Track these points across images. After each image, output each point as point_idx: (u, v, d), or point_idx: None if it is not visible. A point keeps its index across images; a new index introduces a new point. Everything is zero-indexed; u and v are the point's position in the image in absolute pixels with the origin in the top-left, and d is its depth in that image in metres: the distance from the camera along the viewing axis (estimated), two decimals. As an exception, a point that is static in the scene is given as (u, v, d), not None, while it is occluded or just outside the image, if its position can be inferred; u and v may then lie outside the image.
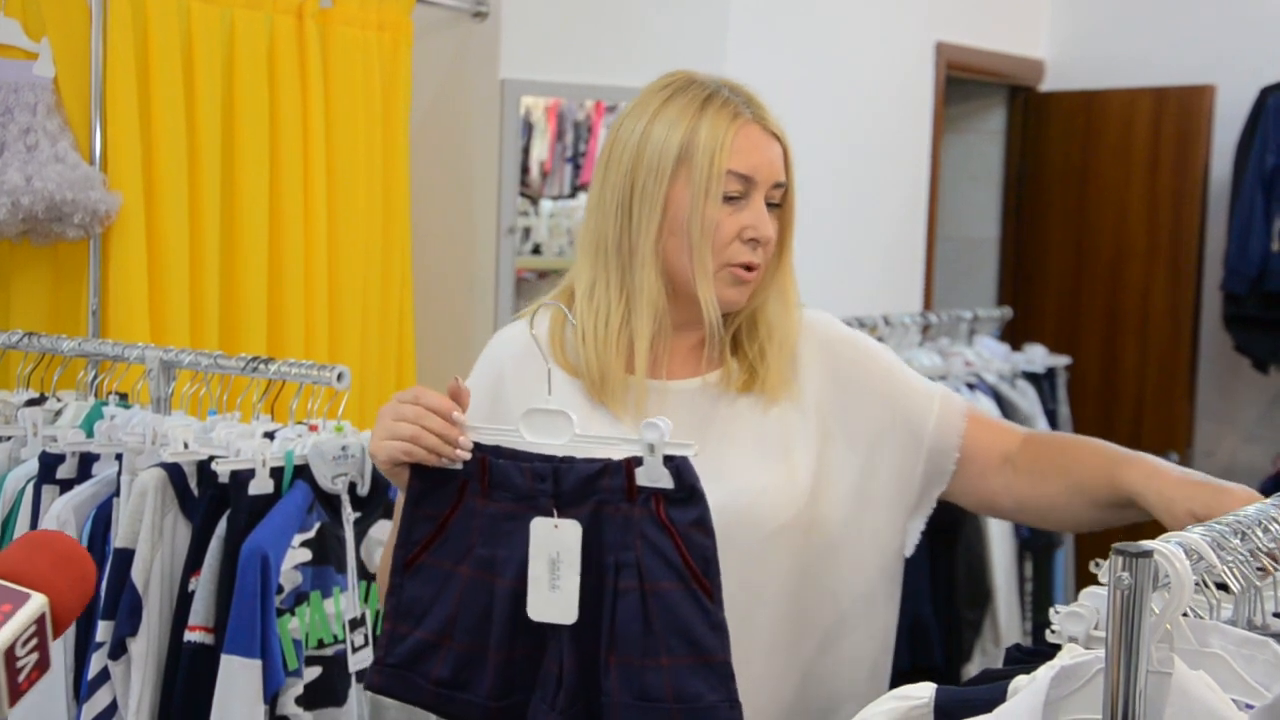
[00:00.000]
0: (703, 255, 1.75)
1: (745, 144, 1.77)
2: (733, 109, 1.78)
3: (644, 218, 1.77)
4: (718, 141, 1.75)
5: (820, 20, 4.46)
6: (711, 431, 1.80)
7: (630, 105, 1.84)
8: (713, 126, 1.76)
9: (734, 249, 1.76)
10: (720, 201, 1.75)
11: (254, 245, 3.43)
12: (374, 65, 3.72)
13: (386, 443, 1.63)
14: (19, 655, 1.17)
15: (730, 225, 1.76)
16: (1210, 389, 5.10)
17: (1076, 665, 1.06)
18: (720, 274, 1.77)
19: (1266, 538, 1.23)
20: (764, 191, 1.78)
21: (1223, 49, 5.00)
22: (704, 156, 1.74)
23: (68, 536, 1.31)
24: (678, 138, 1.76)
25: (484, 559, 1.64)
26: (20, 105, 3.09)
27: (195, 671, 2.30)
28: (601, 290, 1.79)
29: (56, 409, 2.76)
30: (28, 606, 1.18)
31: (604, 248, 1.80)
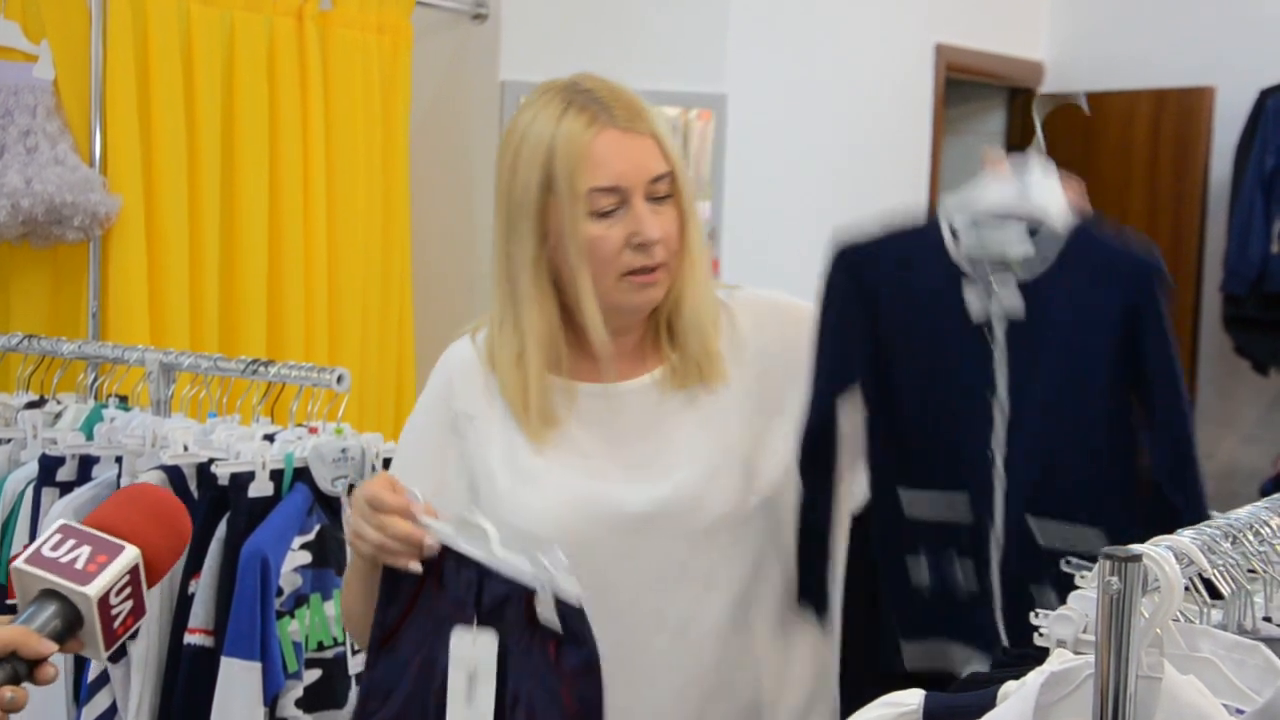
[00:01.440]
0: (583, 276, 1.72)
1: (604, 154, 1.70)
2: (586, 117, 1.71)
3: (520, 250, 1.74)
4: (574, 159, 1.69)
5: (820, 22, 4.46)
6: (660, 428, 1.79)
7: (504, 136, 1.81)
8: (568, 143, 1.70)
9: (626, 257, 1.72)
10: (593, 219, 1.70)
11: (254, 247, 3.43)
12: (373, 67, 3.73)
13: (358, 543, 1.63)
14: (113, 604, 1.25)
15: (615, 236, 1.71)
16: (1210, 391, 5.10)
17: (1066, 670, 1.07)
18: (621, 284, 1.73)
19: (1258, 541, 1.23)
20: (641, 193, 1.72)
21: (1222, 51, 5.00)
22: (564, 180, 1.70)
23: (163, 490, 1.38)
24: (538, 164, 1.71)
25: (426, 660, 1.63)
26: (20, 108, 3.09)
27: (195, 674, 2.30)
28: (505, 328, 1.78)
29: (56, 411, 2.76)
30: (122, 558, 1.26)
31: (499, 281, 1.79)
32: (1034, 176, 1.64)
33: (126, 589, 1.26)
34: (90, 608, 1.23)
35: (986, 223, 1.64)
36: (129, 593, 1.26)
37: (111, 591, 1.25)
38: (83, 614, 1.24)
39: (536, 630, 1.55)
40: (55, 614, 1.24)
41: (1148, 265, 1.58)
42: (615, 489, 1.73)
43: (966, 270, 1.65)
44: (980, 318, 1.65)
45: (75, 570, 1.24)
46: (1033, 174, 1.64)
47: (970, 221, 1.65)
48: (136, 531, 1.28)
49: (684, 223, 1.76)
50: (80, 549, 1.25)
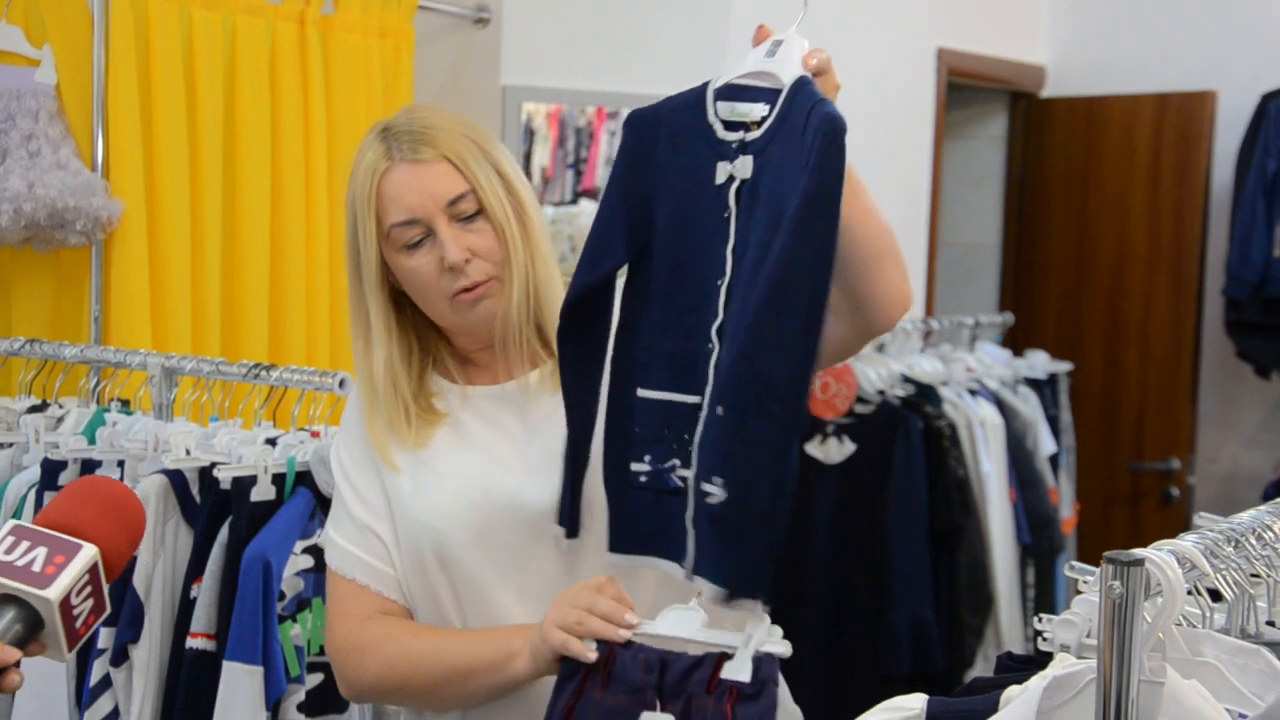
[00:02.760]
0: (427, 303, 1.81)
1: (392, 190, 1.78)
2: (375, 155, 1.80)
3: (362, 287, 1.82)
4: (367, 201, 1.78)
5: (821, 26, 4.44)
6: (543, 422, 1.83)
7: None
8: (361, 187, 1.79)
9: (444, 282, 1.78)
10: (404, 253, 1.78)
11: (255, 252, 3.43)
12: (375, 72, 3.73)
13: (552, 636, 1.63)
14: (74, 604, 1.23)
15: (429, 265, 1.78)
16: (1212, 395, 5.10)
17: (1069, 675, 1.07)
18: (453, 305, 1.80)
19: (1260, 545, 1.23)
20: (443, 217, 1.77)
21: (1224, 55, 5.00)
22: (363, 221, 1.78)
23: (114, 481, 1.35)
24: (349, 211, 1.81)
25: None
26: (22, 112, 3.10)
27: (197, 678, 2.31)
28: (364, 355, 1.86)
29: (58, 416, 2.77)
30: (80, 556, 1.24)
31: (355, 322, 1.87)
32: (785, 46, 1.63)
33: (87, 588, 1.23)
34: (52, 611, 1.20)
35: (737, 90, 1.62)
36: (89, 591, 1.24)
37: (72, 592, 1.22)
38: (44, 617, 1.21)
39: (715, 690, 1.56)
40: (15, 619, 1.21)
41: (827, 117, 1.49)
42: (515, 480, 1.79)
43: (720, 139, 1.62)
44: (722, 182, 1.61)
45: (33, 573, 1.21)
46: (785, 44, 1.63)
47: (726, 88, 1.63)
48: (92, 527, 1.26)
49: (501, 232, 1.79)
50: (36, 550, 1.22)
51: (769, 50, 1.63)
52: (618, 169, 1.68)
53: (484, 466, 1.81)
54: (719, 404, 1.53)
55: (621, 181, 1.67)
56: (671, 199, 1.65)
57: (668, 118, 1.67)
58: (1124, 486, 5.10)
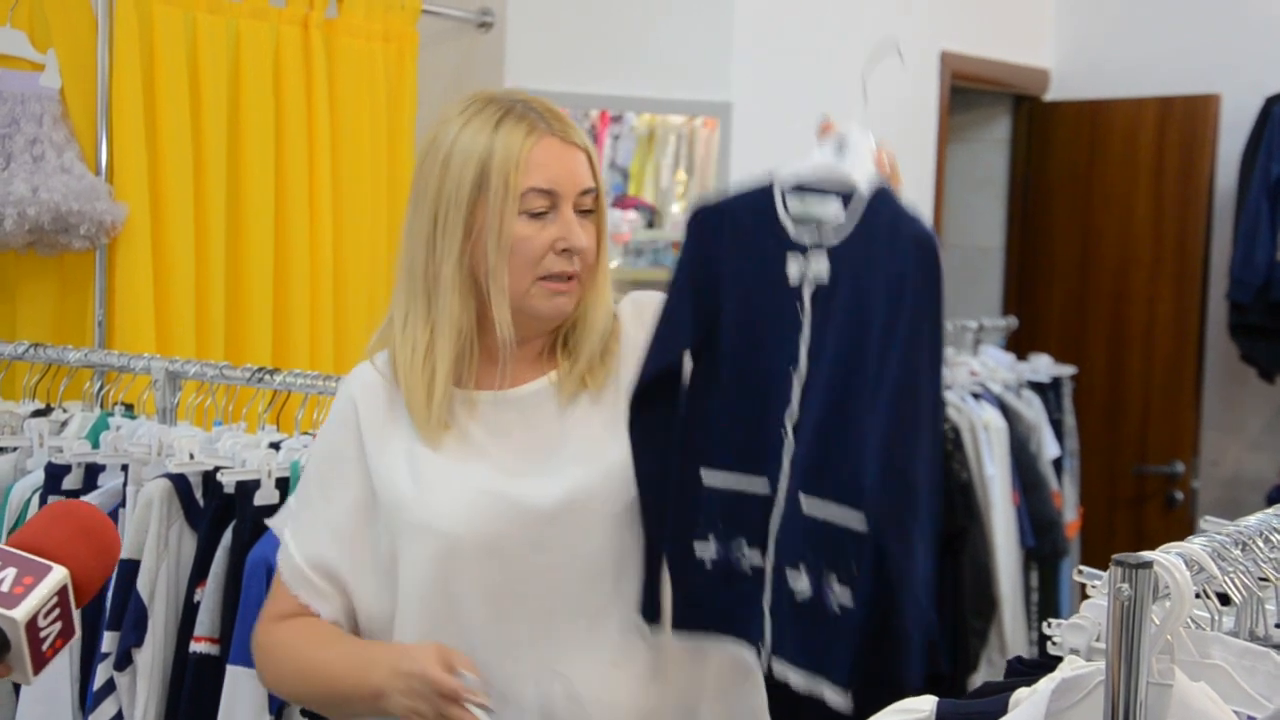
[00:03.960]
0: (500, 273, 1.78)
1: (543, 158, 1.79)
2: (528, 124, 1.80)
3: (447, 244, 1.80)
4: (513, 160, 1.77)
5: (825, 29, 4.47)
6: (559, 429, 1.84)
7: (429, 131, 1.88)
8: (507, 145, 1.78)
9: (549, 261, 1.79)
10: (523, 219, 1.78)
11: (259, 256, 3.43)
12: (379, 76, 3.73)
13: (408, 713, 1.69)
14: (41, 626, 1.21)
15: (541, 239, 1.78)
16: (1216, 398, 5.09)
17: (1077, 677, 1.06)
18: (535, 289, 1.80)
19: (1268, 548, 1.23)
20: (571, 201, 1.80)
21: (1228, 58, 5.00)
22: (500, 177, 1.77)
23: (90, 506, 1.34)
24: (475, 161, 1.78)
25: None
26: (27, 116, 3.10)
27: (201, 682, 2.30)
28: (413, 319, 1.85)
29: (62, 420, 2.77)
30: (49, 579, 1.22)
31: (414, 276, 1.85)
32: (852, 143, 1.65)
33: (55, 610, 1.22)
34: (18, 632, 1.19)
35: (808, 189, 1.66)
36: (57, 614, 1.22)
37: (40, 614, 1.20)
38: (9, 639, 1.20)
39: None
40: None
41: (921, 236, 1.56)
42: (520, 485, 1.78)
43: (791, 236, 1.66)
44: (795, 283, 1.65)
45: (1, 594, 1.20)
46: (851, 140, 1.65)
47: (794, 187, 1.67)
48: (64, 550, 1.24)
49: (599, 240, 1.84)
50: (6, 571, 1.21)
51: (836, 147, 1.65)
52: (684, 259, 1.74)
53: (493, 476, 1.80)
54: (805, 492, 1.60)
55: (688, 271, 1.72)
56: (739, 289, 1.70)
57: (733, 210, 1.72)
58: (1128, 490, 5.10)
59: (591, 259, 1.83)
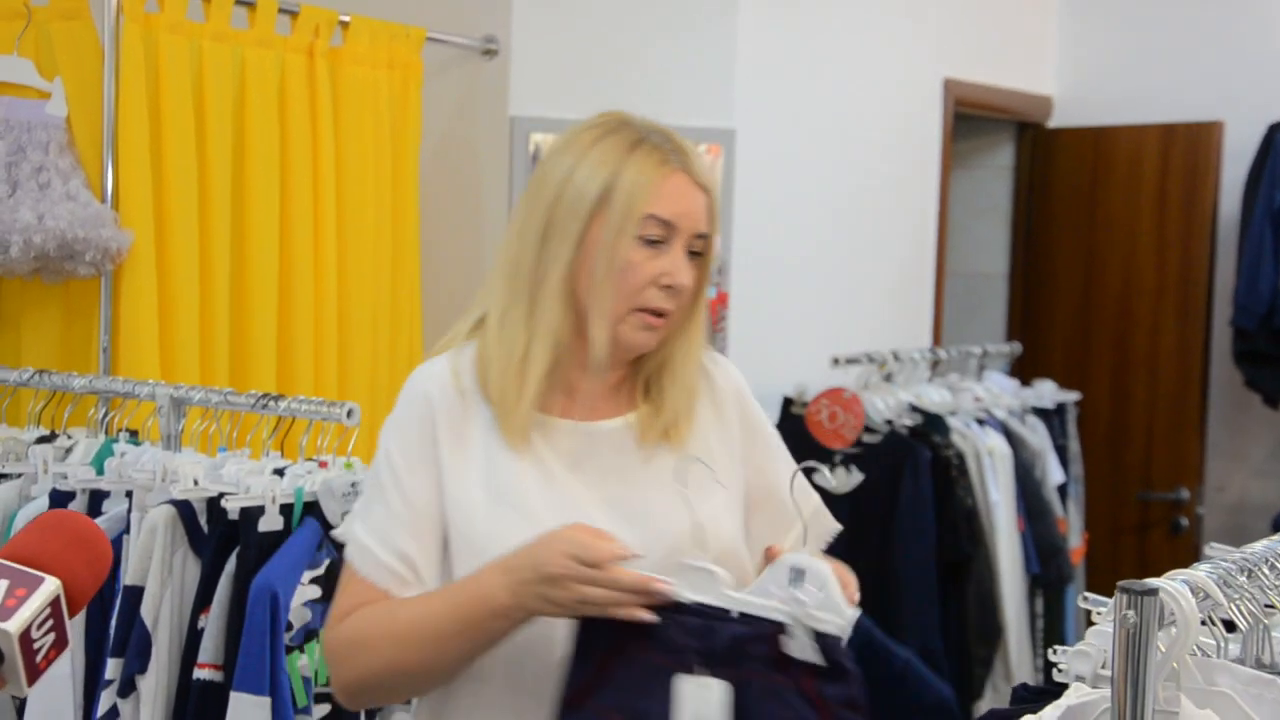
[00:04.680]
0: (603, 292, 1.77)
1: (670, 190, 1.78)
2: (661, 155, 1.80)
3: (558, 250, 1.79)
4: (641, 184, 1.77)
5: (828, 57, 4.48)
6: (635, 475, 1.84)
7: (560, 139, 1.87)
8: (639, 169, 1.78)
9: (649, 293, 1.78)
10: (636, 243, 1.77)
11: (264, 283, 3.44)
12: (384, 103, 3.74)
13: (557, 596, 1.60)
14: (35, 638, 1.21)
15: (648, 269, 1.78)
16: (1220, 425, 5.09)
17: (1083, 704, 1.06)
18: (630, 318, 1.79)
19: (1274, 575, 1.22)
20: (685, 240, 1.80)
21: (1231, 85, 5.01)
22: (624, 197, 1.76)
23: (82, 516, 1.34)
24: (602, 176, 1.78)
25: (635, 712, 1.61)
26: (33, 144, 3.11)
27: (205, 709, 2.30)
28: (513, 318, 1.82)
29: (67, 446, 2.77)
30: (41, 590, 1.22)
31: (519, 276, 1.83)
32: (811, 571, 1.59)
33: (48, 621, 1.22)
34: (10, 644, 1.19)
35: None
36: (51, 625, 1.22)
37: (33, 625, 1.20)
38: (3, 650, 1.19)
39: (789, 667, 1.53)
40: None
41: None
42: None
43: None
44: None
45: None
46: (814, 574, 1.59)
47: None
48: (56, 561, 1.24)
49: (699, 286, 1.85)
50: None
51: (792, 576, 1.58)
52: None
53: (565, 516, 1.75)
54: None
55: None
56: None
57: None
58: (1132, 516, 5.09)
59: (688, 301, 1.83)
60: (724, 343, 4.10)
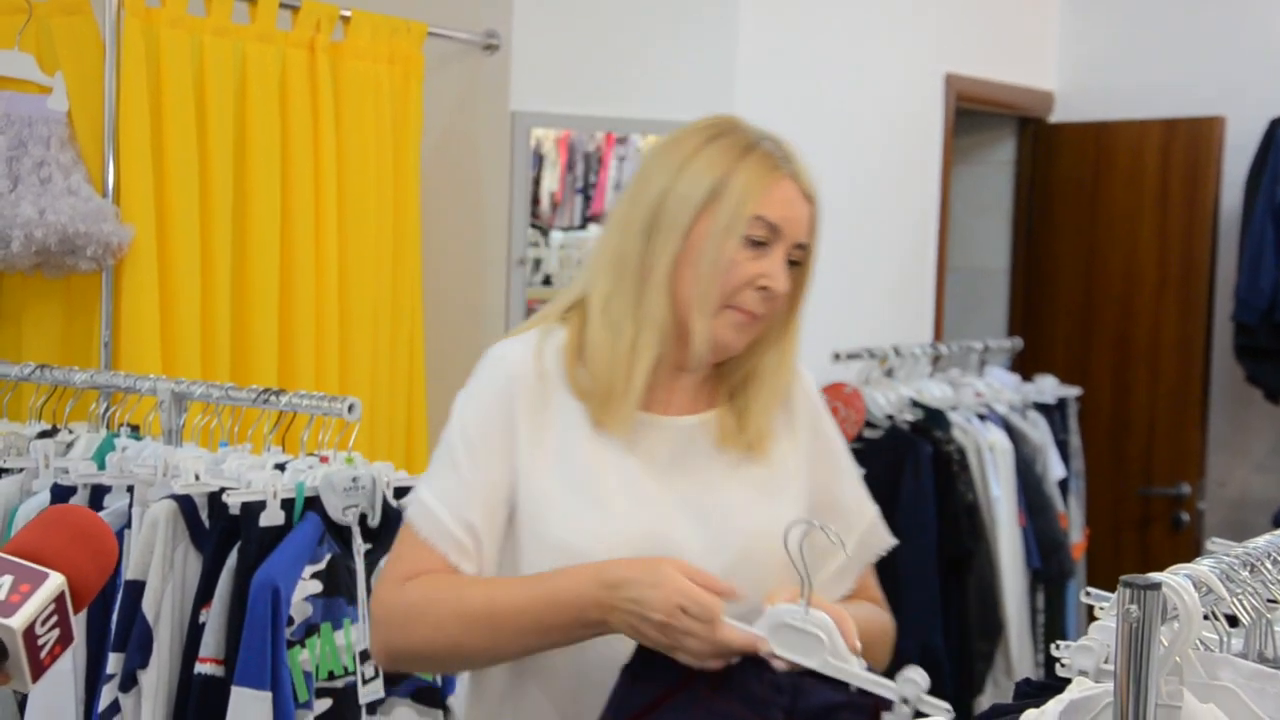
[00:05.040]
0: (708, 288, 1.79)
1: (779, 195, 1.82)
2: (773, 161, 1.83)
3: (665, 243, 1.81)
4: (752, 185, 1.80)
5: (829, 52, 4.48)
6: (709, 470, 1.85)
7: (667, 138, 1.89)
8: (751, 171, 1.81)
9: (745, 294, 1.81)
10: (741, 243, 1.79)
11: (265, 278, 3.44)
12: (385, 98, 3.74)
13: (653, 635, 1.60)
14: (39, 633, 1.21)
15: (747, 269, 1.80)
16: (1222, 420, 5.09)
17: (1086, 699, 1.06)
18: (723, 314, 1.81)
19: (1276, 569, 1.22)
20: (787, 246, 1.83)
21: (1232, 80, 5.00)
22: (735, 196, 1.79)
23: (87, 511, 1.34)
24: (714, 174, 1.80)
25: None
26: (34, 139, 3.11)
27: (206, 703, 2.30)
28: (617, 305, 1.83)
29: (68, 441, 2.77)
30: (45, 586, 1.22)
31: (623, 265, 1.84)
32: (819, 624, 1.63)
33: (53, 617, 1.22)
34: (15, 639, 1.19)
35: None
36: (55, 621, 1.22)
37: (37, 621, 1.20)
38: (7, 647, 1.19)
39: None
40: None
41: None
42: (675, 533, 1.78)
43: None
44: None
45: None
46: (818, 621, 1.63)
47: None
48: (61, 556, 1.24)
49: (796, 297, 1.88)
50: (1, 578, 1.21)
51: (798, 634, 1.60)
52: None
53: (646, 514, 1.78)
54: None
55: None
56: None
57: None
58: (1134, 511, 5.09)
59: (783, 311, 1.87)
60: (725, 338, 4.09)
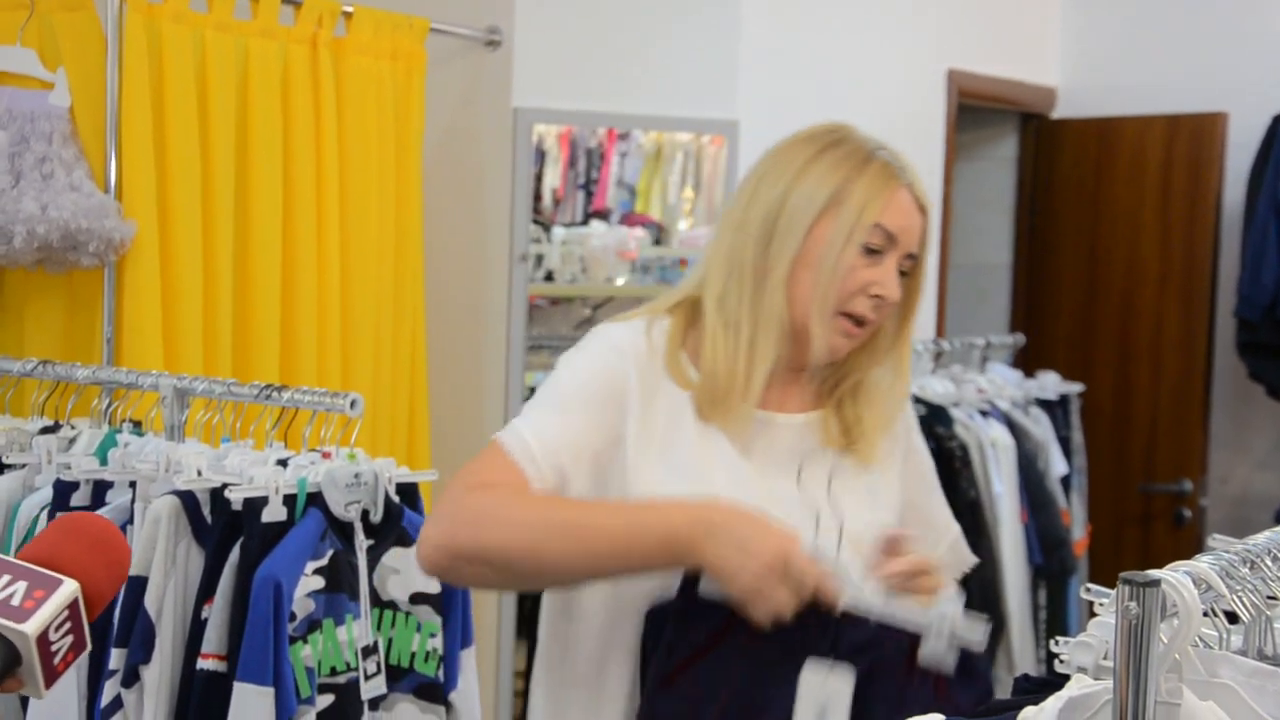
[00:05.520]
0: (825, 292, 1.82)
1: (898, 205, 1.85)
2: (892, 171, 1.86)
3: (783, 245, 1.84)
4: (873, 194, 1.83)
5: (832, 48, 4.48)
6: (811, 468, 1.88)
7: (784, 142, 1.94)
8: (872, 180, 1.84)
9: (857, 300, 1.84)
10: (859, 250, 1.82)
11: (267, 273, 3.44)
12: (387, 94, 3.74)
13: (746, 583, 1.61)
14: (52, 640, 1.21)
15: (861, 276, 1.83)
16: (1224, 416, 5.09)
17: (1085, 695, 1.06)
18: (834, 320, 1.84)
19: (1277, 567, 1.22)
20: (899, 256, 1.85)
21: (1235, 76, 5.00)
22: (856, 203, 1.82)
23: (101, 518, 1.35)
24: (835, 180, 1.84)
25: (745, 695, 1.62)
26: (36, 134, 3.11)
27: (208, 699, 2.30)
28: (733, 303, 1.86)
29: (71, 437, 2.77)
30: (59, 592, 1.22)
31: (740, 265, 1.87)
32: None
33: (66, 624, 1.22)
34: (28, 645, 1.19)
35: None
36: (69, 627, 1.23)
37: (50, 628, 1.21)
38: (20, 653, 1.20)
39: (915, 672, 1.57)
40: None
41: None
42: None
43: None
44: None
45: (11, 607, 1.19)
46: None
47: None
48: (75, 563, 1.25)
49: (908, 309, 1.92)
50: (16, 584, 1.21)
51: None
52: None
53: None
54: None
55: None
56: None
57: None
58: (1135, 508, 5.09)
59: (887, 316, 1.89)
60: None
